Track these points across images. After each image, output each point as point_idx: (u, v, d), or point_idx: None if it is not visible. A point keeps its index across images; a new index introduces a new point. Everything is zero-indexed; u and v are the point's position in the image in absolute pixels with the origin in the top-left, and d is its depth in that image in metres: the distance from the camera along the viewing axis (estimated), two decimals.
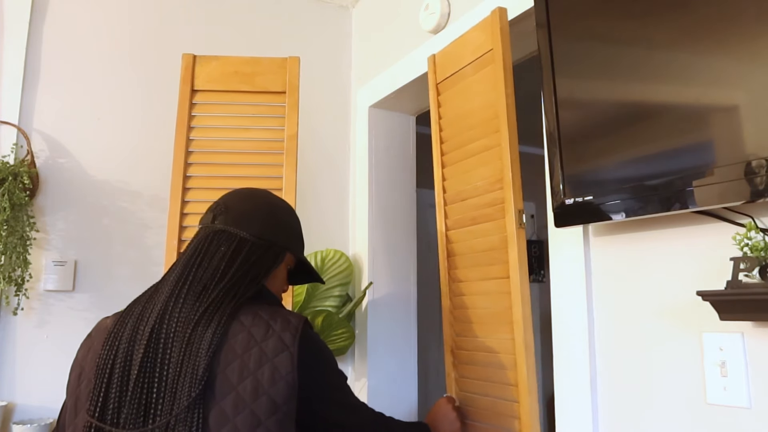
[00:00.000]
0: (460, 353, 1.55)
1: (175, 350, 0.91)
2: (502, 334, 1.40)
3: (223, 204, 1.10)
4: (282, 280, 1.15)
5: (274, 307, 1.01)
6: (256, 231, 1.07)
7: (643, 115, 1.11)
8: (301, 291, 2.07)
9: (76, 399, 0.96)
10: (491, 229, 1.45)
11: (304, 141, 2.31)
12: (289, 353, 0.93)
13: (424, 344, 3.36)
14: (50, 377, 1.86)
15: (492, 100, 1.45)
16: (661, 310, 1.18)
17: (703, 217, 1.11)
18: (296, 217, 1.19)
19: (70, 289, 1.92)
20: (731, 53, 0.97)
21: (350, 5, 2.57)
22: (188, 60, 1.84)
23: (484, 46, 1.49)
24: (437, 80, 1.69)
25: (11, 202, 1.73)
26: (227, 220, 1.07)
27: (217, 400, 0.88)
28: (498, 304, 1.42)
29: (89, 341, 1.02)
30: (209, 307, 0.95)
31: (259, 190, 1.16)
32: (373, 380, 2.20)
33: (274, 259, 1.08)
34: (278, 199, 1.17)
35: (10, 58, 1.93)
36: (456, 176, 1.59)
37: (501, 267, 1.41)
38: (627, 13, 1.14)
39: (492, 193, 1.44)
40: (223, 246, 1.03)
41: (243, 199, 1.12)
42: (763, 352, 1.01)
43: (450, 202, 1.61)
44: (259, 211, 1.10)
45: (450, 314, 1.59)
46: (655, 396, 1.17)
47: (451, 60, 1.63)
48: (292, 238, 1.15)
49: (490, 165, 1.45)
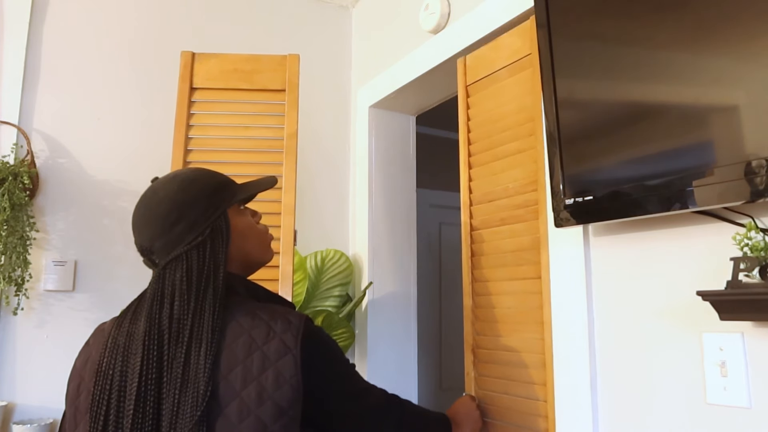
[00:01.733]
0: (481, 352, 1.57)
1: (168, 390, 0.89)
2: (530, 334, 1.42)
3: (142, 243, 1.01)
4: (248, 227, 1.08)
5: (270, 305, 0.99)
6: (188, 234, 0.99)
7: (643, 115, 1.11)
8: (301, 291, 2.07)
9: (75, 410, 0.96)
10: (521, 230, 1.47)
11: (304, 141, 2.31)
12: (292, 356, 0.91)
13: (424, 344, 3.36)
14: (50, 377, 1.86)
15: (528, 103, 1.48)
16: (661, 310, 1.18)
17: (703, 217, 1.11)
18: (198, 178, 1.05)
19: (70, 289, 1.92)
20: (731, 53, 0.97)
21: (350, 5, 2.57)
22: (187, 57, 1.84)
23: (521, 50, 1.51)
24: (467, 82, 1.71)
25: (11, 202, 1.73)
26: (161, 253, 0.99)
27: (221, 407, 0.87)
28: (525, 304, 1.44)
29: (87, 350, 1.01)
30: (192, 333, 0.91)
31: (148, 197, 1.04)
32: (373, 380, 2.20)
33: (221, 232, 1.01)
34: (168, 184, 1.04)
35: (10, 58, 1.93)
36: (484, 177, 1.62)
37: (531, 267, 1.44)
38: (627, 13, 1.14)
39: (524, 195, 1.47)
40: (177, 273, 0.97)
41: (149, 222, 1.01)
42: (763, 352, 1.01)
43: (476, 202, 1.64)
44: (171, 217, 0.99)
45: (471, 313, 1.61)
46: (655, 396, 1.17)
47: (484, 63, 1.65)
48: (215, 200, 1.03)
49: (524, 167, 1.48)
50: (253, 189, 1.11)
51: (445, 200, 3.70)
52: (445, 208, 3.72)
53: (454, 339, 3.52)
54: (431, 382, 3.52)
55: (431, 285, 3.63)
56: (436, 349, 3.57)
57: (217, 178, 1.07)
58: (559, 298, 1.38)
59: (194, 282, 0.96)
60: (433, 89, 2.18)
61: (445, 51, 1.90)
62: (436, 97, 2.28)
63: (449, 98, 2.23)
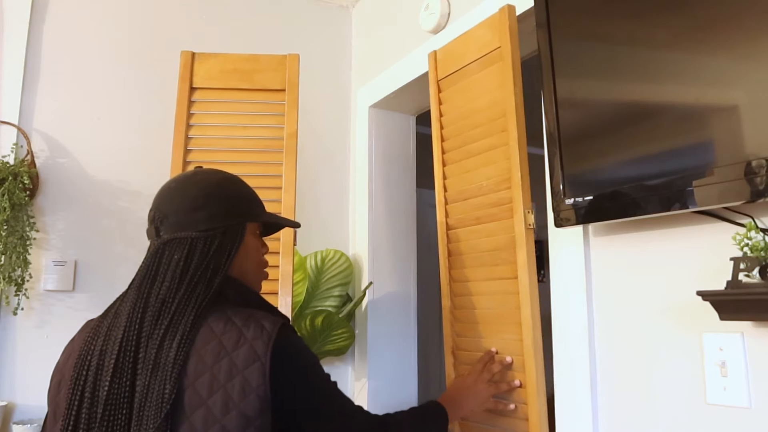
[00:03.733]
0: (461, 354, 1.54)
1: (142, 369, 0.88)
2: (509, 335, 1.39)
3: (158, 211, 1.02)
4: (255, 249, 1.08)
5: (249, 310, 0.95)
6: (204, 224, 0.99)
7: (643, 115, 1.11)
8: (301, 291, 2.07)
9: (55, 407, 0.95)
10: (497, 228, 1.44)
11: (305, 141, 2.30)
12: (261, 364, 0.88)
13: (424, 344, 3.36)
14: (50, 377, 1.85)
15: (499, 98, 1.44)
16: (661, 310, 1.18)
17: (703, 217, 1.11)
18: (238, 183, 1.09)
19: (70, 289, 1.92)
20: (731, 53, 0.97)
21: (350, 5, 2.57)
22: (187, 57, 1.84)
23: (491, 43, 1.47)
24: (438, 77, 1.68)
25: (11, 202, 1.73)
26: (171, 227, 0.99)
27: (186, 415, 0.85)
28: (504, 304, 1.41)
29: (71, 346, 1.00)
30: (172, 320, 0.90)
31: (186, 176, 1.06)
32: (373, 380, 2.20)
33: (234, 239, 1.01)
34: (210, 175, 1.07)
35: (10, 58, 1.93)
36: (458, 175, 1.58)
37: (507, 267, 1.40)
38: (627, 13, 1.14)
39: (498, 193, 1.44)
40: (176, 254, 0.97)
41: (175, 196, 1.03)
42: (763, 352, 1.01)
43: (451, 201, 1.61)
44: (197, 202, 1.01)
45: (450, 314, 1.57)
46: (655, 396, 1.17)
47: (454, 57, 1.61)
48: (243, 208, 1.06)
49: (497, 164, 1.44)
50: (277, 219, 1.14)
51: None
52: None
53: None
54: (431, 382, 3.52)
55: (431, 285, 3.62)
56: (436, 349, 3.57)
57: (251, 193, 1.11)
58: (559, 298, 1.38)
59: (190, 270, 0.96)
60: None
61: None
62: None
63: None
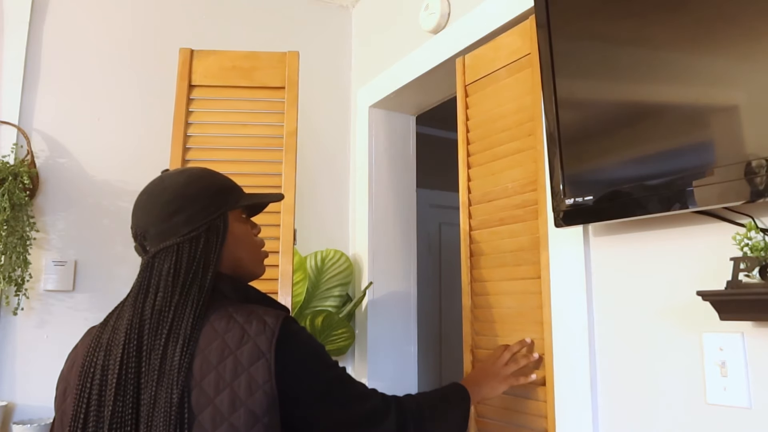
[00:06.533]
0: (480, 352, 1.57)
1: (146, 382, 0.88)
2: (529, 334, 1.42)
3: (138, 227, 1.02)
4: (244, 234, 1.07)
5: (250, 306, 0.96)
6: (184, 227, 0.99)
7: (643, 115, 1.11)
8: (301, 291, 2.07)
9: (62, 414, 0.95)
10: (521, 230, 1.47)
11: (305, 142, 2.30)
12: (266, 360, 0.88)
13: (424, 344, 3.36)
14: (50, 377, 1.85)
15: (528, 103, 1.47)
16: (661, 310, 1.18)
17: (703, 217, 1.10)
18: (206, 176, 1.06)
19: (70, 289, 1.92)
20: (731, 53, 0.97)
21: (350, 5, 2.57)
22: (185, 54, 1.83)
23: (521, 50, 1.51)
24: (466, 82, 1.71)
25: (11, 202, 1.73)
26: (154, 240, 0.99)
27: (195, 415, 0.86)
28: (525, 304, 1.44)
29: (74, 354, 1.00)
30: (172, 327, 0.90)
31: (153, 185, 1.05)
32: (373, 380, 2.20)
33: (218, 233, 1.01)
34: (177, 177, 1.05)
35: (10, 58, 1.93)
36: (483, 177, 1.62)
37: (530, 267, 1.44)
38: (627, 13, 1.14)
39: (523, 195, 1.47)
40: (165, 264, 0.97)
41: (149, 208, 1.02)
42: (763, 352, 1.01)
43: (475, 202, 1.64)
44: (171, 207, 1.00)
45: (470, 313, 1.61)
46: (655, 396, 1.17)
47: (483, 63, 1.65)
48: (218, 200, 1.04)
49: (523, 167, 1.48)
50: (257, 199, 1.10)
51: (445, 200, 3.70)
52: (445, 208, 3.72)
53: (454, 339, 3.52)
54: (431, 382, 3.52)
55: (431, 285, 3.63)
56: (436, 349, 3.58)
57: (225, 181, 1.08)
58: (559, 298, 1.38)
59: (181, 275, 0.95)
60: (433, 89, 2.18)
61: (445, 51, 1.90)
62: (436, 97, 2.28)
63: (449, 98, 2.23)
